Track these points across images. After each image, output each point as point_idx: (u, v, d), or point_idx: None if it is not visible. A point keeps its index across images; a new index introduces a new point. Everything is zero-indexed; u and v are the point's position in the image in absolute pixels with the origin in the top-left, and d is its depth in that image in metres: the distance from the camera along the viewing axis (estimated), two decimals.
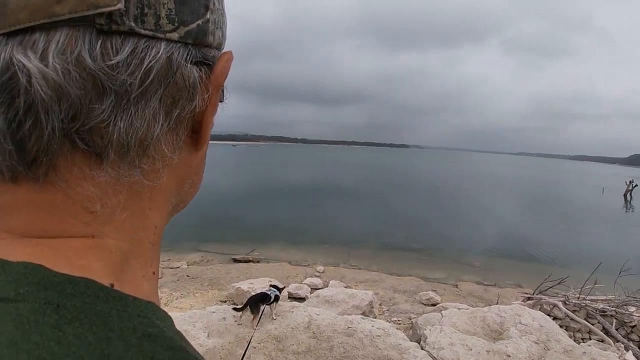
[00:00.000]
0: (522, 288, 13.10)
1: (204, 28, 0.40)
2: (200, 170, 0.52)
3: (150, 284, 0.44)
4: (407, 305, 10.52)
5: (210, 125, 0.45)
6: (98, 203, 0.37)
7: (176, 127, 0.41)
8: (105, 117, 0.34)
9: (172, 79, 0.38)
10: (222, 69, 0.44)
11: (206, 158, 0.54)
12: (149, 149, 0.39)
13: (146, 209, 0.42)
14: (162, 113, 0.38)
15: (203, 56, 0.42)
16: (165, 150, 0.40)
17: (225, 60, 0.45)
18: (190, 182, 0.50)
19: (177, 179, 0.46)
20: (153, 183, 0.41)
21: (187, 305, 9.25)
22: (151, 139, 0.38)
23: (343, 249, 17.13)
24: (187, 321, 4.86)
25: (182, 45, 0.39)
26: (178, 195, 0.48)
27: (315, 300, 8.31)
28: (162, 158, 0.41)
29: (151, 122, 0.37)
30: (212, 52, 0.44)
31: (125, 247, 0.40)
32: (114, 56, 0.34)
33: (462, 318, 5.57)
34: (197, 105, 0.42)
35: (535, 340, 4.95)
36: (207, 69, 0.43)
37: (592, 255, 18.16)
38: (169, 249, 16.52)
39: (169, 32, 0.37)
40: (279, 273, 13.12)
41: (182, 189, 0.48)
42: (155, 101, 0.37)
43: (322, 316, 4.93)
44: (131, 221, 0.41)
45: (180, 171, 0.46)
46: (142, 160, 0.39)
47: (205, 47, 0.42)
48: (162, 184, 0.42)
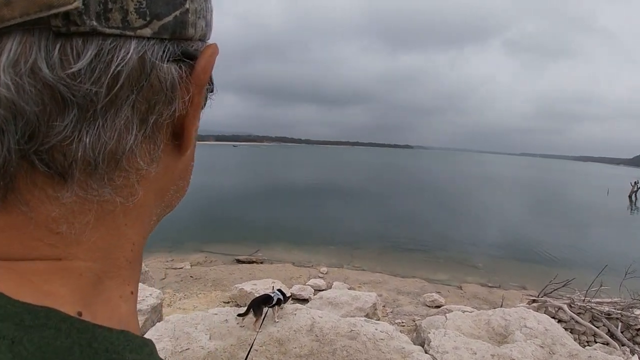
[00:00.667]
0: (527, 290, 13.04)
1: (182, 20, 0.35)
2: (186, 174, 0.48)
3: (128, 304, 0.40)
4: (410, 307, 10.47)
5: (193, 128, 0.41)
6: (64, 224, 0.33)
7: (153, 135, 0.37)
8: (67, 133, 0.30)
9: (146, 82, 0.33)
10: (205, 65, 0.39)
11: (194, 159, 0.50)
12: (121, 163, 0.34)
13: (121, 226, 0.38)
14: (135, 121, 0.34)
15: (183, 51, 0.37)
16: (140, 162, 0.36)
17: (209, 55, 0.39)
18: (174, 188, 0.45)
19: (158, 189, 0.42)
20: (126, 201, 0.37)
21: (190, 306, 9.25)
22: (123, 152, 0.34)
23: (346, 250, 17.10)
24: (189, 323, 4.83)
25: (157, 42, 0.34)
26: (161, 204, 0.44)
27: (318, 302, 8.27)
28: (137, 171, 0.36)
29: (123, 133, 0.33)
30: (194, 45, 0.39)
31: (98, 268, 0.36)
32: (75, 62, 0.29)
33: (467, 321, 5.52)
34: (178, 109, 0.37)
35: (541, 344, 4.89)
36: (189, 65, 0.38)
37: (597, 256, 18.05)
38: (172, 249, 16.56)
39: (139, 29, 0.32)
40: (282, 274, 13.10)
41: (165, 197, 0.44)
42: (127, 109, 0.33)
43: (325, 319, 4.89)
44: (104, 240, 0.36)
45: (162, 180, 0.41)
46: (114, 175, 0.35)
47: (185, 41, 0.37)
48: (140, 199, 0.38)
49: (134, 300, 0.42)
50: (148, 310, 5.74)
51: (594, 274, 9.45)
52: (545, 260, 17.28)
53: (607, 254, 18.53)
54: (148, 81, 0.33)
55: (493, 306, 11.26)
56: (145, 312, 5.69)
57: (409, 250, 17.67)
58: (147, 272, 8.14)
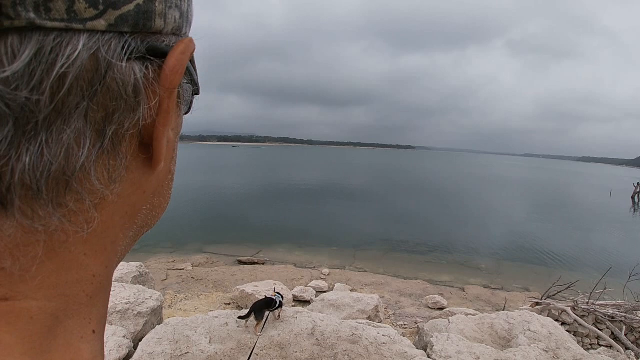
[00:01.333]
0: (530, 292, 12.99)
1: (147, 9, 0.29)
2: (163, 189, 0.41)
3: (91, 346, 0.34)
4: (413, 309, 10.42)
5: (164, 139, 0.34)
6: (8, 259, 0.27)
7: (114, 149, 0.30)
8: (1, 152, 0.24)
9: (101, 85, 0.27)
10: (175, 65, 0.32)
11: (173, 171, 0.43)
12: (71, 184, 0.28)
13: (79, 257, 0.31)
14: (89, 134, 0.27)
15: (150, 48, 0.30)
16: (96, 182, 0.29)
17: (180, 52, 0.32)
18: (148, 207, 0.39)
19: (127, 210, 0.35)
20: (81, 229, 0.30)
21: (191, 308, 9.22)
22: (74, 172, 0.27)
23: (349, 252, 17.07)
24: (189, 326, 4.79)
25: (115, 37, 0.27)
26: (133, 227, 0.37)
27: (320, 304, 8.22)
28: (93, 193, 0.30)
29: (73, 148, 0.27)
30: (165, 39, 0.32)
31: (53, 308, 0.30)
32: (9, 65, 0.23)
33: (470, 325, 5.46)
34: (144, 116, 0.31)
35: (545, 348, 4.83)
36: (158, 65, 0.32)
37: (600, 258, 18.00)
38: (173, 250, 16.58)
39: (90, 21, 0.25)
40: (284, 275, 13.07)
41: (137, 219, 0.37)
42: (78, 119, 0.26)
43: (326, 322, 4.84)
44: (58, 275, 0.30)
45: (131, 200, 0.35)
46: (64, 200, 0.28)
47: (152, 35, 0.31)
48: (101, 223, 0.32)
49: (99, 340, 0.35)
50: (148, 313, 5.68)
51: (597, 276, 9.38)
52: (548, 262, 17.22)
53: (610, 256, 18.47)
54: (103, 84, 0.27)
55: (496, 308, 11.23)
56: (145, 314, 5.63)
57: (411, 252, 17.63)
58: (148, 274, 8.09)
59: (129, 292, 5.94)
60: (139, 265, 7.86)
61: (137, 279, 7.48)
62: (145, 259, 14.98)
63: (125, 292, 5.91)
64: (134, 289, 6.05)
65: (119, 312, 5.49)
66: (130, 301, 5.70)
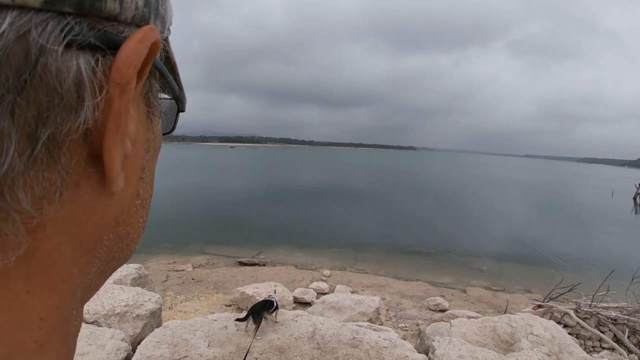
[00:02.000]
0: (532, 294, 12.93)
1: None
2: (131, 218, 0.33)
3: None
4: (414, 311, 10.37)
5: (115, 149, 0.26)
6: None
7: (51, 159, 0.23)
8: None
9: (31, 75, 0.21)
10: (129, 55, 0.25)
11: (149, 195, 0.36)
12: None
13: (21, 295, 0.24)
14: (15, 136, 0.21)
15: (102, 36, 0.24)
16: (23, 199, 0.22)
17: (138, 41, 0.25)
18: (111, 237, 0.31)
19: (81, 240, 0.28)
20: (6, 258, 0.23)
21: (191, 309, 9.19)
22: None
23: (350, 253, 17.05)
24: (187, 329, 4.74)
25: (53, 17, 0.21)
26: (94, 261, 0.30)
27: (320, 306, 8.18)
28: (24, 213, 0.22)
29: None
30: (124, 30, 0.26)
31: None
32: None
33: (472, 328, 5.40)
34: (88, 118, 0.24)
35: (547, 352, 4.77)
36: (108, 57, 0.25)
37: (602, 260, 17.95)
38: (174, 251, 16.57)
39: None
40: (284, 277, 13.03)
41: (96, 251, 0.30)
42: (2, 115, 0.20)
43: (326, 325, 4.78)
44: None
45: (84, 228, 0.27)
46: None
47: (106, 22, 0.24)
48: (45, 255, 0.25)
49: None
50: (147, 316, 5.63)
51: (599, 277, 9.32)
52: (550, 264, 17.17)
53: (613, 257, 18.41)
54: (34, 74, 0.21)
55: (497, 310, 11.19)
56: (144, 317, 5.59)
57: (412, 253, 17.58)
58: (147, 276, 8.05)
59: (128, 294, 5.90)
60: (138, 267, 7.81)
61: (136, 280, 7.43)
62: (146, 260, 14.96)
63: (124, 295, 5.87)
64: (132, 291, 6.01)
65: (117, 315, 5.45)
66: (129, 303, 5.65)
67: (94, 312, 5.45)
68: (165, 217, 22.73)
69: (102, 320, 5.36)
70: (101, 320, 5.36)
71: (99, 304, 5.60)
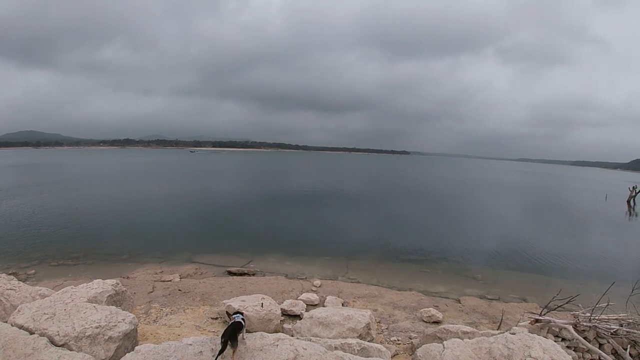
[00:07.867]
0: (527, 302, 12.66)
1: None
2: None
3: None
4: (407, 323, 10.03)
5: None
6: None
7: None
8: None
9: None
10: None
11: None
12: None
13: None
14: None
15: None
16: None
17: None
18: None
19: None
20: None
21: (176, 322, 8.81)
22: None
23: (342, 261, 16.73)
24: (160, 355, 4.36)
25: None
26: None
27: (308, 322, 7.80)
28: None
29: None
30: None
31: None
32: None
33: (466, 350, 5.04)
34: None
35: None
36: None
37: (598, 266, 17.76)
38: (162, 260, 16.14)
39: None
40: (274, 287, 12.68)
41: None
42: None
43: (309, 351, 4.41)
44: None
45: None
46: None
47: None
48: None
49: None
50: (120, 338, 5.25)
51: (596, 285, 9.05)
52: (545, 270, 16.92)
53: (609, 263, 18.21)
54: None
55: (493, 321, 10.87)
56: (117, 339, 5.20)
57: (405, 261, 17.26)
58: (125, 292, 7.62)
59: (101, 314, 5.51)
60: (115, 283, 7.39)
61: (112, 298, 7.02)
62: (133, 270, 14.55)
63: (97, 315, 5.49)
64: (106, 311, 5.62)
65: (88, 337, 5.07)
66: (102, 325, 5.27)
67: (64, 334, 5.06)
68: (155, 225, 22.26)
69: (72, 343, 4.97)
70: (72, 343, 4.97)
71: (69, 325, 5.21)
